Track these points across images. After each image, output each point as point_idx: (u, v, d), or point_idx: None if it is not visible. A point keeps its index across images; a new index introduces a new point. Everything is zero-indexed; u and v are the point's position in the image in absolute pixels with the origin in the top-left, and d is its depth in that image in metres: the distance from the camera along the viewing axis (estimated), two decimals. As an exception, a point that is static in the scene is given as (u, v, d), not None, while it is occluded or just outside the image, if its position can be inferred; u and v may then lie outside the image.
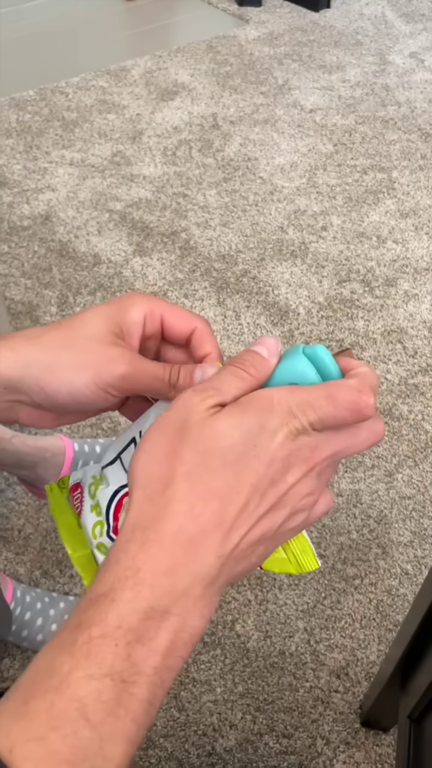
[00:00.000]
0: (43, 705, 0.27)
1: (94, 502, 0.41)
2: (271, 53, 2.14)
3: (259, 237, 1.58)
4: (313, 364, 0.35)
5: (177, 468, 0.30)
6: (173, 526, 0.29)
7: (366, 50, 2.17)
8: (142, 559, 0.29)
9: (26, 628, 0.94)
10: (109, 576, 0.29)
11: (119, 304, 0.39)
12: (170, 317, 0.39)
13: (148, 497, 0.30)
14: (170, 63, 2.09)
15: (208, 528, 0.30)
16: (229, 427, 0.31)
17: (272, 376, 0.35)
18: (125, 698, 0.28)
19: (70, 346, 0.37)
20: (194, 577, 0.29)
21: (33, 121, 1.87)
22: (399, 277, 1.50)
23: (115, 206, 1.63)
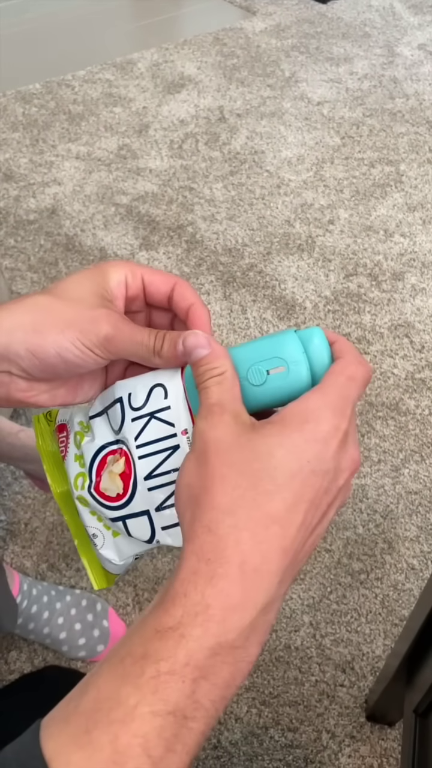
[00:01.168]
0: (106, 737, 0.27)
1: (79, 452, 0.40)
2: (278, 45, 2.13)
3: (266, 231, 1.57)
4: (303, 344, 0.34)
5: (230, 493, 0.30)
6: (238, 557, 0.29)
7: (374, 42, 2.16)
8: (211, 595, 0.29)
9: (33, 621, 0.95)
10: (178, 609, 0.29)
11: (99, 267, 0.39)
12: (149, 275, 0.39)
13: (206, 527, 0.30)
14: (177, 56, 2.08)
15: (271, 555, 0.29)
16: (272, 447, 0.30)
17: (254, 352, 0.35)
18: (184, 733, 0.28)
19: (55, 308, 0.36)
20: (260, 608, 0.29)
21: (39, 114, 1.86)
22: (406, 271, 1.50)
23: (121, 200, 1.63)
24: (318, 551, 1.10)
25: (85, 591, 1.03)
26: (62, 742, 0.27)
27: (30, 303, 0.37)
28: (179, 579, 0.29)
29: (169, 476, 0.38)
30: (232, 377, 0.34)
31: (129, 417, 0.38)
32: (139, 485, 0.38)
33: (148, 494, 0.38)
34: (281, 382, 0.34)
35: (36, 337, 0.36)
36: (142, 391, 0.38)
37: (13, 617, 0.89)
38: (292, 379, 0.34)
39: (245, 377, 0.35)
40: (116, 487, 0.38)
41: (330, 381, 0.33)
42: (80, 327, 0.36)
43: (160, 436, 0.38)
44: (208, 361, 0.34)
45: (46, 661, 0.98)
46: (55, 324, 0.36)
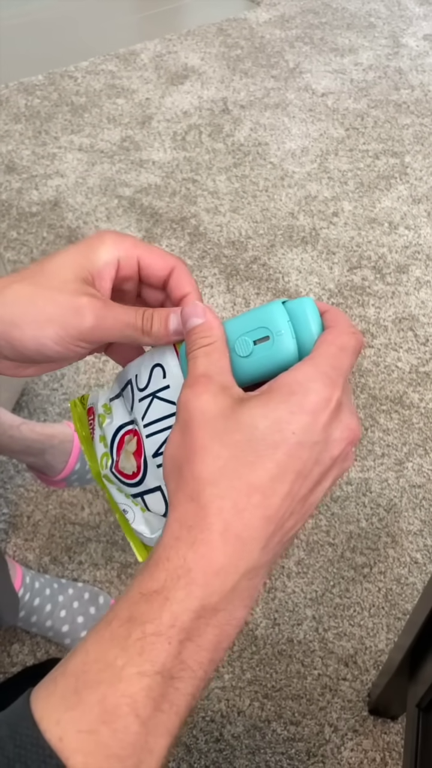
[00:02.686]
0: (95, 697, 0.27)
1: (102, 433, 0.42)
2: (282, 36, 2.11)
3: (270, 223, 1.56)
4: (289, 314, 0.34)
5: (211, 464, 0.30)
6: (220, 524, 0.29)
7: (379, 33, 2.14)
8: (193, 559, 0.29)
9: (35, 614, 0.94)
10: (161, 573, 0.29)
11: (88, 244, 0.37)
12: (147, 257, 0.38)
13: (188, 496, 0.30)
14: (180, 46, 2.06)
15: (254, 522, 0.30)
16: (255, 418, 0.30)
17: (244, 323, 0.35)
18: (171, 693, 0.28)
19: (35, 299, 0.35)
20: (242, 573, 0.30)
21: (42, 106, 1.85)
22: (411, 264, 1.49)
23: (124, 192, 1.62)
24: (321, 545, 1.09)
25: (87, 584, 1.03)
26: (51, 702, 0.28)
27: (12, 295, 0.35)
28: (162, 544, 0.30)
29: None
30: (222, 348, 0.34)
31: (137, 398, 0.39)
32: (149, 462, 0.39)
33: (157, 471, 0.38)
34: (266, 353, 0.34)
35: (15, 331, 0.35)
36: (144, 372, 0.39)
37: (15, 610, 0.89)
38: (276, 350, 0.34)
39: (233, 348, 0.34)
40: (131, 466, 0.39)
41: (321, 351, 0.32)
42: (61, 321, 0.35)
43: (162, 414, 0.38)
44: (199, 330, 0.34)
45: (49, 654, 0.98)
46: (35, 319, 0.35)
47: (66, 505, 1.13)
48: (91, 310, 0.35)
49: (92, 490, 1.14)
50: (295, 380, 0.31)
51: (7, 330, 0.35)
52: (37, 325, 0.35)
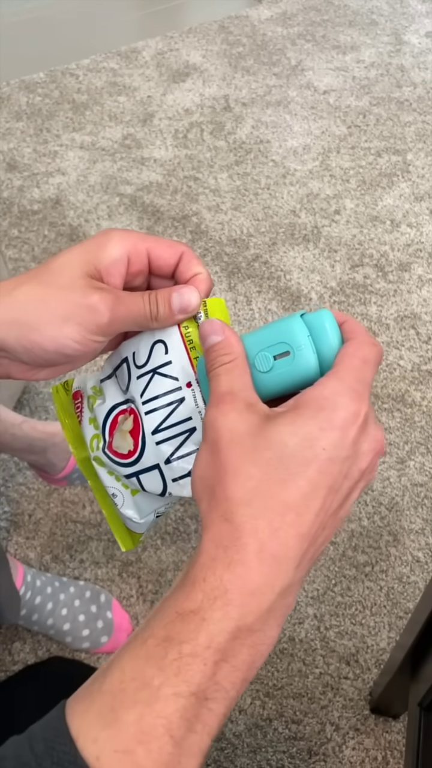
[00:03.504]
0: (132, 717, 0.27)
1: (92, 415, 0.41)
2: (284, 33, 2.11)
3: (271, 221, 1.56)
4: (309, 328, 0.34)
5: (243, 484, 0.30)
6: (255, 544, 0.29)
7: (381, 30, 2.13)
8: (230, 580, 0.29)
9: (36, 613, 0.94)
10: (198, 593, 0.29)
11: (95, 242, 0.37)
12: (156, 248, 0.38)
13: (222, 516, 0.30)
14: (182, 44, 2.06)
15: (288, 541, 0.30)
16: (285, 435, 0.30)
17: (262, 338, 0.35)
18: (204, 714, 0.28)
19: (47, 300, 0.35)
20: (278, 592, 0.30)
21: (43, 103, 1.85)
22: (413, 262, 1.48)
23: (125, 190, 1.62)
24: (323, 543, 1.09)
25: (89, 582, 1.03)
26: (88, 720, 0.28)
27: (22, 297, 0.35)
28: (198, 564, 0.30)
29: (176, 429, 0.38)
30: (243, 365, 0.34)
31: (134, 375, 0.39)
32: (147, 440, 0.38)
33: (156, 448, 0.38)
34: (287, 368, 0.34)
35: (33, 335, 0.35)
36: (144, 349, 0.39)
37: (16, 608, 0.89)
38: (297, 364, 0.34)
39: (253, 364, 0.34)
40: (127, 444, 0.39)
41: (345, 365, 0.32)
42: (78, 320, 0.35)
43: (164, 390, 0.38)
44: (219, 348, 0.34)
45: (50, 652, 0.98)
46: (52, 320, 0.35)
47: (67, 504, 1.13)
48: (105, 305, 0.35)
49: (93, 489, 1.14)
50: (322, 395, 0.31)
51: (25, 333, 0.35)
52: (54, 325, 0.35)
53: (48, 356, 0.36)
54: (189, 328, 0.38)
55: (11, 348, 0.35)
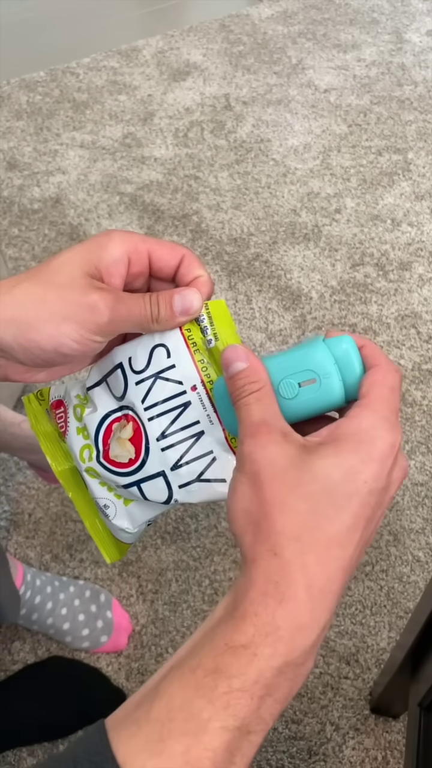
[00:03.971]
0: (180, 748, 0.28)
1: (81, 425, 0.40)
2: (284, 32, 2.11)
3: (272, 220, 1.56)
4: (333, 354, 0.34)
5: (292, 519, 0.30)
6: (305, 580, 0.30)
7: (382, 28, 2.13)
8: (281, 616, 0.29)
9: (36, 612, 0.94)
10: (249, 627, 0.29)
11: (96, 241, 0.37)
12: (157, 250, 0.37)
13: (271, 551, 0.30)
14: (182, 43, 2.05)
15: (335, 576, 0.30)
16: (329, 469, 0.31)
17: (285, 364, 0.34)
18: (245, 746, 0.29)
19: (46, 299, 0.35)
20: (323, 627, 0.30)
21: (43, 102, 1.85)
22: (414, 261, 1.48)
23: (125, 189, 1.62)
24: (323, 543, 1.09)
25: (88, 582, 1.03)
26: (134, 746, 0.28)
27: (21, 295, 0.35)
28: (249, 599, 0.30)
29: (183, 434, 0.38)
30: (271, 392, 0.34)
31: (132, 381, 0.38)
32: (152, 447, 0.38)
33: (162, 455, 0.38)
34: (313, 395, 0.34)
35: (31, 333, 0.35)
36: (142, 354, 0.38)
37: (16, 608, 0.89)
38: (324, 392, 0.34)
39: (277, 390, 0.34)
40: (128, 453, 0.38)
41: (376, 395, 0.32)
42: (77, 319, 0.35)
43: (168, 395, 0.37)
44: (245, 375, 0.34)
45: (50, 652, 0.98)
46: (50, 319, 0.34)
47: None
48: (105, 305, 0.35)
49: (93, 488, 1.14)
50: (361, 428, 0.31)
51: (23, 332, 0.35)
52: (53, 324, 0.34)
53: (46, 356, 0.35)
54: (191, 331, 0.38)
55: (8, 347, 0.35)
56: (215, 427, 0.38)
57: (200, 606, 1.03)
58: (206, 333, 0.38)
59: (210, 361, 0.38)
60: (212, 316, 0.38)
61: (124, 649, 0.99)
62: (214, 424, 0.38)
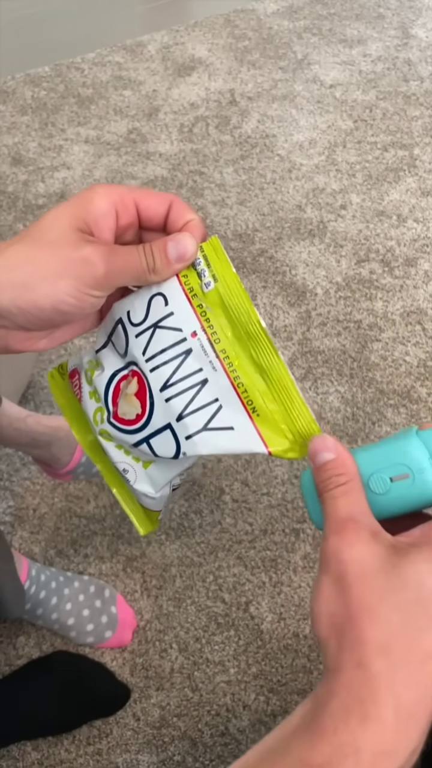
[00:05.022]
0: None
1: (92, 389, 0.40)
2: (290, 27, 2.10)
3: (277, 216, 1.55)
4: (427, 447, 0.33)
5: (381, 629, 0.28)
6: (392, 700, 0.27)
7: (388, 23, 2.12)
8: (363, 738, 0.27)
9: (41, 607, 0.94)
10: (326, 746, 0.27)
11: (81, 197, 0.36)
12: (144, 199, 0.36)
13: (356, 662, 0.28)
14: (187, 38, 2.05)
15: (426, 695, 0.28)
16: (422, 575, 0.28)
17: (376, 457, 0.33)
18: None
19: (39, 258, 0.34)
20: (411, 752, 0.28)
21: (48, 97, 1.85)
22: (419, 257, 1.47)
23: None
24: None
25: (92, 577, 1.03)
26: None
27: (14, 257, 0.34)
28: (329, 712, 0.28)
29: (186, 382, 0.37)
30: (359, 486, 0.32)
31: (132, 334, 0.38)
32: (156, 398, 0.37)
33: (166, 405, 0.37)
34: (406, 491, 0.33)
35: (28, 294, 0.34)
36: (140, 306, 0.37)
37: (21, 603, 0.89)
38: (417, 488, 0.32)
39: (367, 484, 0.33)
40: (134, 408, 0.38)
41: None
42: (73, 274, 0.34)
43: (168, 344, 0.37)
44: (333, 467, 0.32)
45: (54, 647, 0.98)
46: (46, 277, 0.34)
47: (72, 498, 1.12)
48: (99, 257, 0.34)
49: (98, 484, 1.14)
50: None
51: (19, 294, 0.34)
52: (49, 282, 0.34)
53: (44, 315, 0.35)
54: (188, 277, 0.37)
55: (6, 311, 0.34)
56: (219, 374, 0.37)
57: (204, 602, 1.03)
58: (203, 276, 0.37)
59: (209, 305, 0.37)
60: (208, 257, 0.37)
61: (129, 645, 0.99)
62: (218, 371, 0.37)
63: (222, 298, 0.37)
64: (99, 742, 0.92)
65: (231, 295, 0.37)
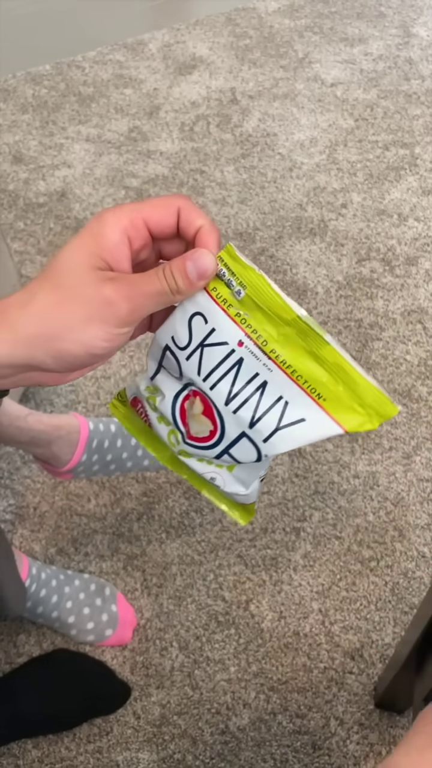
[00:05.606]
0: None
1: (158, 415, 0.41)
2: (291, 26, 2.09)
3: (278, 214, 1.55)
4: None
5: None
6: None
7: (389, 22, 2.12)
8: None
9: (41, 605, 0.95)
10: None
11: (91, 230, 0.36)
12: (152, 214, 0.36)
13: None
14: (188, 36, 2.05)
15: None
16: None
17: None
18: None
19: (65, 306, 0.34)
20: None
21: (49, 96, 1.84)
22: (420, 256, 1.47)
23: (131, 183, 1.61)
24: (327, 538, 1.09)
25: (93, 575, 1.03)
26: None
27: (40, 308, 0.35)
28: None
29: (247, 390, 0.38)
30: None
31: (182, 358, 0.38)
32: (224, 413, 0.38)
33: (235, 416, 0.38)
34: None
35: (60, 344, 0.35)
36: (182, 329, 0.38)
37: (21, 601, 0.89)
38: None
39: None
40: (206, 426, 0.39)
41: None
42: (99, 317, 0.34)
43: (219, 359, 0.37)
44: None
45: (55, 645, 0.99)
46: (75, 327, 0.34)
47: (72, 497, 1.13)
48: (121, 297, 0.34)
49: (98, 482, 1.14)
50: None
51: (52, 344, 0.34)
52: (78, 331, 0.34)
53: (79, 361, 0.36)
54: (217, 289, 0.37)
55: (41, 362, 0.35)
56: (276, 374, 0.37)
57: (204, 600, 1.03)
58: (232, 286, 0.37)
59: (246, 311, 0.37)
60: (230, 266, 0.37)
61: (129, 643, 0.99)
62: (274, 371, 0.37)
63: (256, 303, 0.37)
64: (99, 740, 0.92)
65: (262, 297, 0.37)
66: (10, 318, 0.35)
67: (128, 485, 1.14)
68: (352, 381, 0.36)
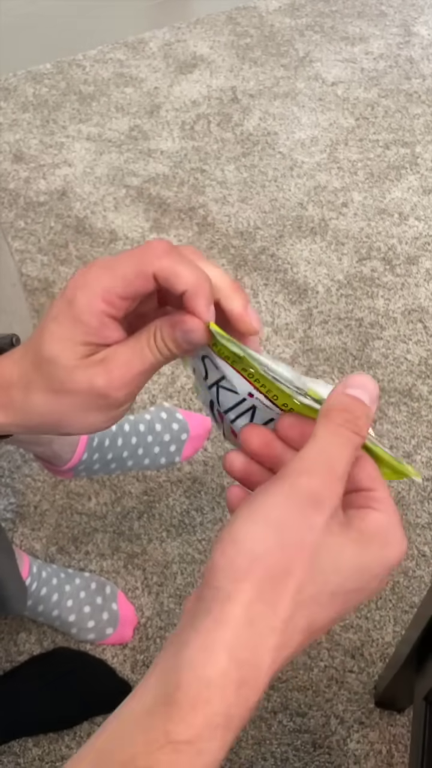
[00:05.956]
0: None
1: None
2: (292, 24, 2.09)
3: (278, 213, 1.55)
4: None
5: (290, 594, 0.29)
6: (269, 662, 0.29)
7: (390, 21, 2.11)
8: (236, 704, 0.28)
9: (42, 604, 0.95)
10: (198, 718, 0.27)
11: (68, 315, 0.34)
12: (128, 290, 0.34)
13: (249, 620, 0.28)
14: (189, 35, 2.04)
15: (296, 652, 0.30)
16: (349, 559, 0.30)
17: None
18: None
19: (61, 403, 0.35)
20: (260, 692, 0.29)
21: (50, 95, 1.84)
22: (421, 255, 1.47)
23: (132, 182, 1.61)
24: (328, 537, 1.09)
25: (94, 574, 1.03)
26: None
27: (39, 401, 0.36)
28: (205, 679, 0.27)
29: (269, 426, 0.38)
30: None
31: (204, 387, 0.39)
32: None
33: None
34: None
35: (62, 430, 0.37)
36: (199, 365, 0.38)
37: (22, 599, 0.90)
38: None
39: None
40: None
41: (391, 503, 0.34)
42: (95, 407, 0.36)
43: (233, 402, 0.38)
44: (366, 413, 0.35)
45: (55, 643, 0.99)
46: (73, 417, 0.36)
47: (73, 495, 1.13)
48: (114, 386, 0.35)
49: (99, 481, 1.14)
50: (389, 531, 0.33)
51: (57, 429, 0.37)
52: (77, 419, 0.36)
53: (85, 433, 0.38)
54: (217, 346, 0.35)
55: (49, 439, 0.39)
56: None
57: (205, 599, 1.03)
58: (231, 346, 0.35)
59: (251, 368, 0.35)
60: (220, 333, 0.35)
61: (130, 641, 0.99)
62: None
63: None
64: (100, 738, 0.93)
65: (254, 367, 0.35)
66: (15, 404, 0.36)
67: (129, 484, 1.14)
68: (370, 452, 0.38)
